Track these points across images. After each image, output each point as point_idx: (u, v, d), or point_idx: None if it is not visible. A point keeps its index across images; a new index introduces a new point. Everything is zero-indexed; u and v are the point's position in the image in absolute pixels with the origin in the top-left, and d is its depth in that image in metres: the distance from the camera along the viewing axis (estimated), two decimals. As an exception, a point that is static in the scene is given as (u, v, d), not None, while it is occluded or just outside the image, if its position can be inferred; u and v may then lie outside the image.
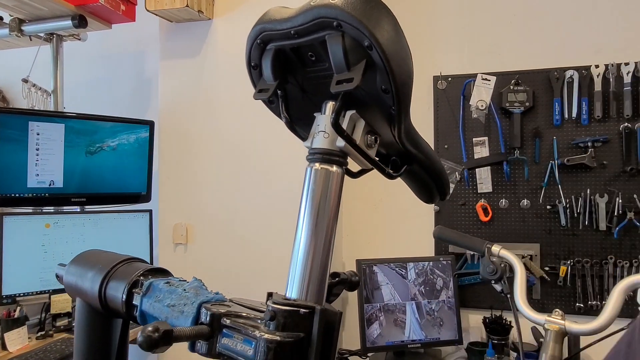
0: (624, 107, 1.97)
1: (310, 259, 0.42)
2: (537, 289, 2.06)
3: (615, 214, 1.98)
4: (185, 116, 2.18)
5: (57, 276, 0.65)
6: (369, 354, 2.00)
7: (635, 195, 1.96)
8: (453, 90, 2.18)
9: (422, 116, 2.24)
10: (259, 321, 0.41)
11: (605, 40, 2.04)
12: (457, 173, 2.17)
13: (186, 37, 2.18)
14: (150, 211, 2.20)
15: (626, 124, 1.98)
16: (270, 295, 0.42)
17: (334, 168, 0.43)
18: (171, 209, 2.20)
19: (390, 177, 0.48)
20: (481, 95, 2.05)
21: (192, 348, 0.44)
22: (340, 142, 0.42)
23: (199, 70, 2.16)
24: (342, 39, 0.38)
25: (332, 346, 0.40)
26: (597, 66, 2.00)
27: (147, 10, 2.04)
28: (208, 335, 0.42)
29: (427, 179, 0.55)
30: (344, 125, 0.42)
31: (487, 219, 2.14)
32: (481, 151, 2.15)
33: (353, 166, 0.49)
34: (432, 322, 1.98)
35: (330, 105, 0.42)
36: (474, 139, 2.16)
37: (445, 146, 2.19)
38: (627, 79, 1.97)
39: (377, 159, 0.51)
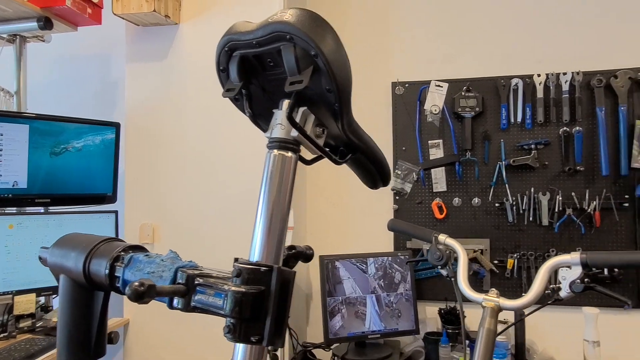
0: (562, 113, 2.16)
1: (269, 228, 0.51)
2: (487, 280, 2.21)
3: (556, 210, 2.16)
4: (152, 118, 2.23)
5: (40, 258, 0.71)
6: (332, 346, 2.09)
7: (573, 193, 2.15)
8: (410, 96, 2.32)
9: (381, 120, 2.37)
10: (227, 279, 0.50)
11: (546, 52, 2.23)
12: (414, 173, 2.30)
13: (153, 41, 2.23)
14: (116, 212, 2.23)
15: (565, 128, 2.16)
16: (236, 259, 0.51)
17: (289, 154, 0.52)
18: (137, 209, 2.23)
19: (337, 163, 0.58)
20: (435, 101, 2.20)
21: (171, 305, 0.52)
22: (294, 133, 0.51)
23: (165, 74, 2.22)
24: (294, 48, 0.47)
25: (287, 298, 0.49)
26: (539, 75, 2.18)
27: (114, 14, 2.08)
28: (184, 293, 0.50)
29: (370, 167, 0.65)
30: (297, 119, 0.51)
31: (442, 216, 2.28)
32: (436, 153, 2.29)
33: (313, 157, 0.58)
34: (390, 314, 2.10)
35: (285, 102, 0.51)
36: (429, 142, 2.30)
37: (403, 148, 2.33)
38: (565, 87, 2.16)
39: (327, 149, 0.61)
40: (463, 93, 2.24)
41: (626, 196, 2.11)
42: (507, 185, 2.21)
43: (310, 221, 2.44)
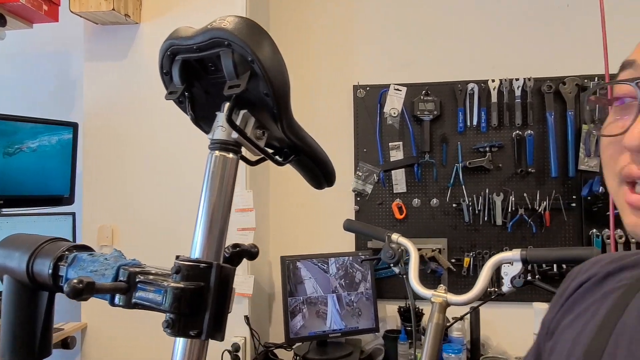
0: (515, 117, 2.25)
1: (209, 227, 0.53)
2: (444, 279, 2.28)
3: (509, 210, 2.25)
4: (111, 118, 2.19)
5: (-18, 259, 0.71)
6: (294, 346, 2.11)
7: (525, 194, 2.25)
8: (371, 99, 2.37)
9: (343, 122, 2.41)
10: (168, 276, 0.51)
11: (500, 58, 2.32)
12: (375, 175, 2.35)
13: (112, 40, 2.20)
14: (73, 214, 2.18)
15: (517, 131, 2.26)
16: (177, 256, 0.53)
17: (230, 155, 0.54)
18: (96, 210, 2.19)
19: (279, 163, 0.60)
20: (394, 104, 2.26)
21: (112, 302, 0.53)
22: (235, 134, 0.53)
23: (125, 73, 2.19)
24: (232, 54, 0.49)
25: (227, 293, 0.51)
26: (493, 81, 2.27)
27: (72, 12, 2.04)
28: (125, 290, 0.51)
29: (314, 168, 0.67)
30: (238, 122, 0.53)
31: (402, 216, 2.34)
32: (396, 154, 2.35)
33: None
34: (351, 313, 2.14)
35: (226, 105, 0.53)
36: (389, 144, 2.35)
37: (365, 150, 2.38)
38: (518, 92, 2.25)
39: (271, 150, 0.63)
40: (422, 97, 2.31)
41: (574, 197, 2.22)
42: (463, 186, 2.28)
43: (273, 222, 2.45)
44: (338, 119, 2.42)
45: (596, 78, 2.20)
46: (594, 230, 2.20)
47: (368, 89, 2.37)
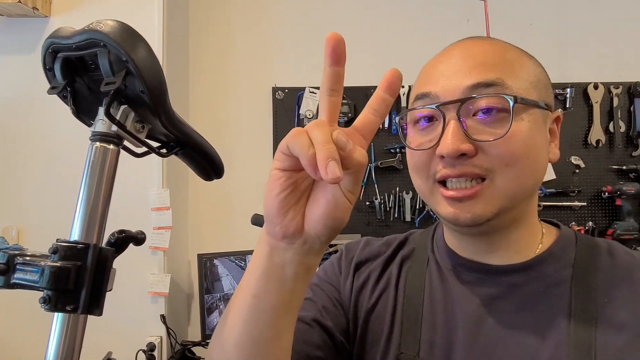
0: (422, 121, 2.44)
1: (89, 212, 0.57)
2: (358, 272, 2.41)
3: (417, 207, 2.43)
4: (16, 114, 2.10)
5: None
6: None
7: (430, 192, 2.43)
8: (289, 101, 2.45)
9: (262, 123, 2.47)
10: (46, 258, 0.55)
11: (407, 67, 2.47)
12: (293, 174, 2.44)
13: (19, 33, 2.11)
14: (-26, 214, 2.06)
15: (424, 134, 2.45)
16: (57, 239, 0.57)
17: (111, 146, 0.59)
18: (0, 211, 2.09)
19: (161, 155, 0.66)
20: (309, 106, 2.36)
21: (-9, 284, 0.56)
22: (114, 127, 0.58)
23: (33, 68, 2.09)
24: (108, 54, 0.55)
25: (105, 272, 0.56)
26: (403, 87, 2.44)
27: (-28, 2, 1.94)
28: (4, 271, 0.55)
29: (201, 161, 0.74)
30: (117, 116, 0.58)
31: (319, 214, 2.44)
32: (313, 155, 2.45)
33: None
34: (268, 308, 2.20)
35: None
36: (307, 144, 2.45)
37: (283, 150, 2.45)
38: (424, 98, 2.44)
39: (158, 144, 0.68)
40: (337, 100, 2.42)
41: (472, 194, 2.44)
42: (376, 185, 2.43)
43: (192, 221, 2.46)
44: (258, 119, 2.48)
45: (491, 87, 2.43)
46: (490, 224, 2.42)
47: (286, 91, 2.46)
